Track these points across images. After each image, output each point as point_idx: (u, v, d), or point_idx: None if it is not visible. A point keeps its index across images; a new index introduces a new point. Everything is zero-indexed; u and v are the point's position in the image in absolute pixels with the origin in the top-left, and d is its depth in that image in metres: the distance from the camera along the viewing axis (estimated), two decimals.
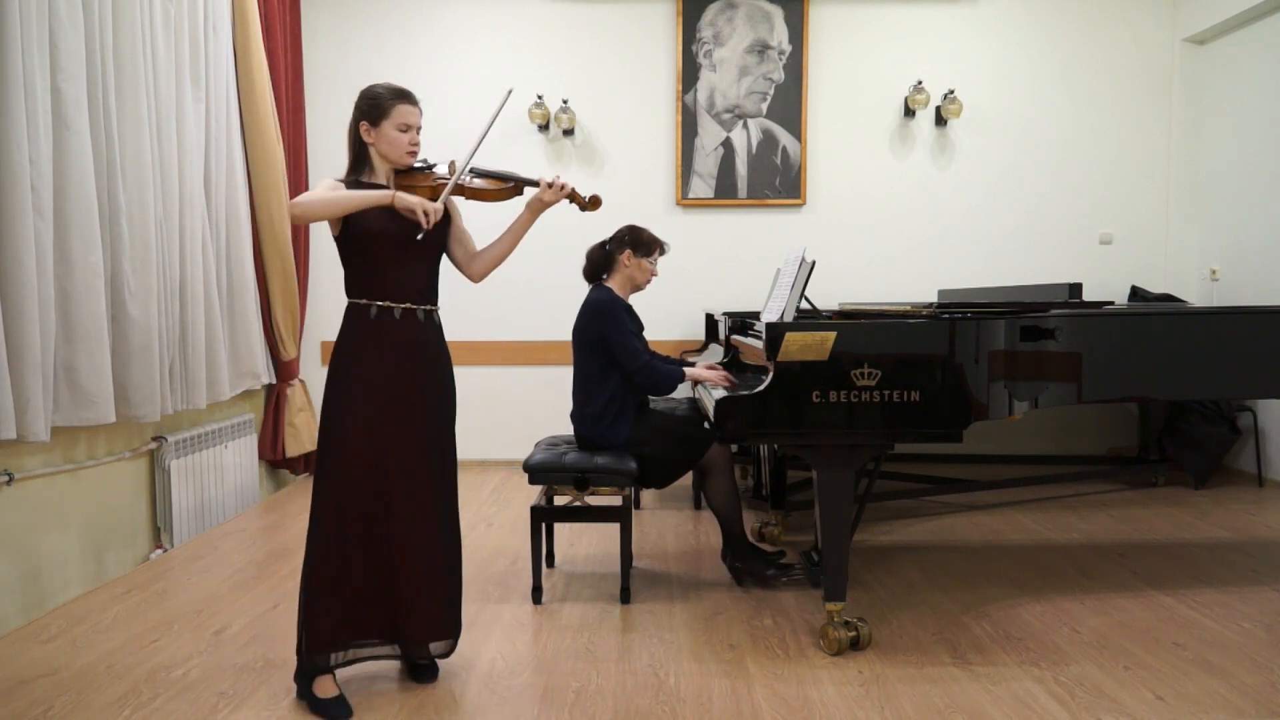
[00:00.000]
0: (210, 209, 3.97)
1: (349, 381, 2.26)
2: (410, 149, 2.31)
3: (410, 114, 2.30)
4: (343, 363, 2.28)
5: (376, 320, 2.27)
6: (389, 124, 2.28)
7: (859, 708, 2.25)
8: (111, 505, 3.39)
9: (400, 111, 2.28)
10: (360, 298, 2.29)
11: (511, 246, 2.48)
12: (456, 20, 5.19)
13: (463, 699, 2.32)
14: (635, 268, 3.20)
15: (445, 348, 2.43)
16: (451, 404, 2.44)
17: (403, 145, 2.30)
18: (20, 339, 2.79)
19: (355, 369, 2.26)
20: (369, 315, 2.27)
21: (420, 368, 2.33)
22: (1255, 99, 4.73)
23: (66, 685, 2.41)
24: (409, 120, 2.30)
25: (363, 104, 2.30)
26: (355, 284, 2.30)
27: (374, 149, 2.31)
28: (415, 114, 2.31)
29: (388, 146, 2.29)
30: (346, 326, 2.30)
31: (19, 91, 2.77)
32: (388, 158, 2.31)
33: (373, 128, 2.29)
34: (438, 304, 2.40)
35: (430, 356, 2.36)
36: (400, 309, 2.29)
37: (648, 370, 3.05)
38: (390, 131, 2.28)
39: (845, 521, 2.57)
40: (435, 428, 2.37)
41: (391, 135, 2.28)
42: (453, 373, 2.45)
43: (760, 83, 5.18)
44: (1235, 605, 2.94)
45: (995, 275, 5.27)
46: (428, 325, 2.36)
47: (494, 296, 5.21)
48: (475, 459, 5.29)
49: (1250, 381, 2.99)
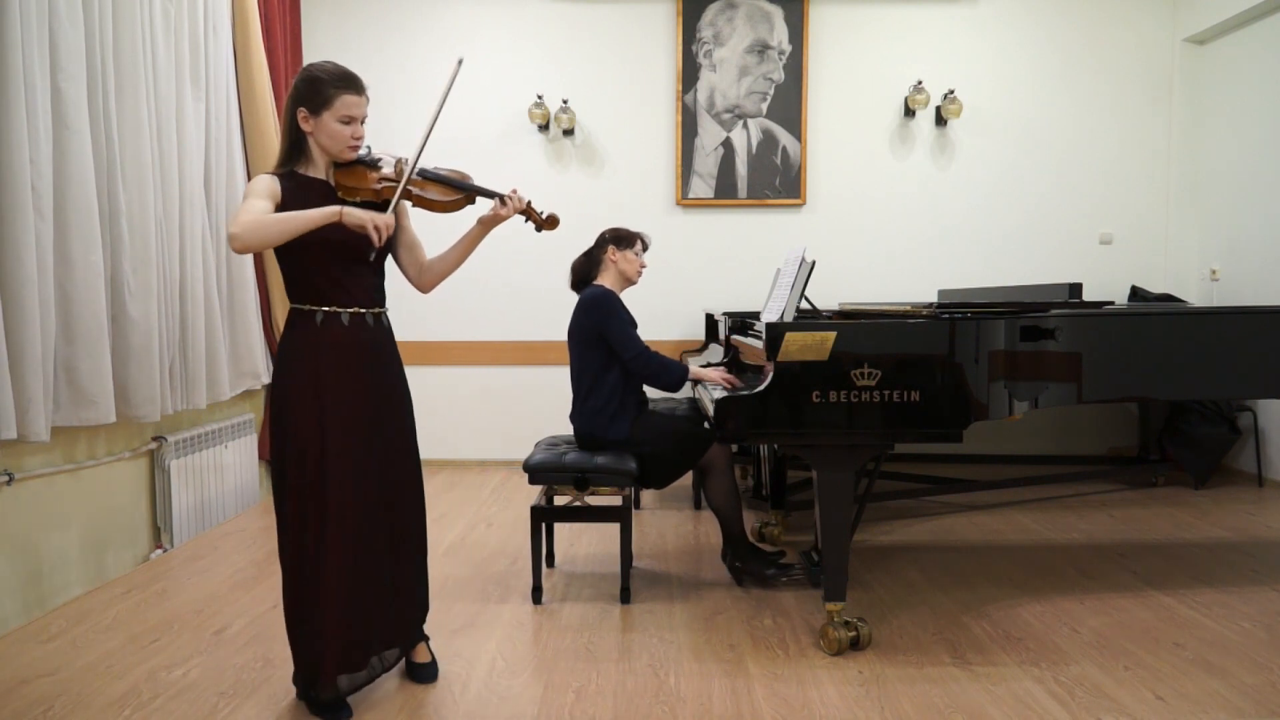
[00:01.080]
0: (210, 209, 3.97)
1: (299, 391, 2.14)
2: (353, 143, 2.13)
3: (355, 105, 2.10)
4: (290, 371, 2.15)
5: (324, 326, 2.14)
6: (330, 115, 2.08)
7: (859, 708, 2.25)
8: (111, 505, 3.39)
9: (344, 102, 2.08)
10: (305, 303, 2.15)
11: (461, 260, 2.33)
12: (456, 20, 5.19)
13: (463, 699, 2.32)
14: (622, 260, 3.21)
15: (396, 350, 2.31)
16: (409, 405, 2.33)
17: (344, 139, 2.11)
18: (20, 339, 2.79)
19: (303, 378, 2.13)
20: (314, 321, 2.14)
21: (373, 372, 2.21)
22: (1255, 99, 4.73)
23: (66, 685, 2.41)
24: (353, 112, 2.10)
25: (302, 88, 2.09)
26: (299, 290, 2.16)
27: (312, 138, 2.12)
28: (361, 104, 2.11)
29: (328, 139, 2.11)
30: (291, 334, 2.17)
31: (19, 91, 2.77)
32: (327, 150, 2.14)
33: (312, 116, 2.09)
34: (385, 306, 2.28)
35: (382, 360, 2.24)
36: (348, 314, 2.16)
37: (644, 357, 3.05)
38: (331, 123, 2.09)
39: (845, 521, 2.57)
40: (396, 431, 2.27)
41: (332, 128, 2.09)
42: (404, 374, 2.33)
43: (760, 83, 5.18)
44: (1235, 605, 2.94)
45: (995, 275, 5.28)
46: (377, 329, 2.23)
47: (494, 296, 5.22)
48: (475, 459, 5.29)
49: (1250, 381, 2.99)
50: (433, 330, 5.20)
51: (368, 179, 2.17)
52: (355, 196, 2.16)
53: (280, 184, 2.11)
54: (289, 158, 2.17)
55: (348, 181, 2.16)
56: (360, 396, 2.19)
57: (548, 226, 2.49)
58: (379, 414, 2.23)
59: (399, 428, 2.29)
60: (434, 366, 5.17)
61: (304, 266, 2.14)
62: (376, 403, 2.23)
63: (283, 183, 2.12)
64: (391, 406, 2.27)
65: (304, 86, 2.10)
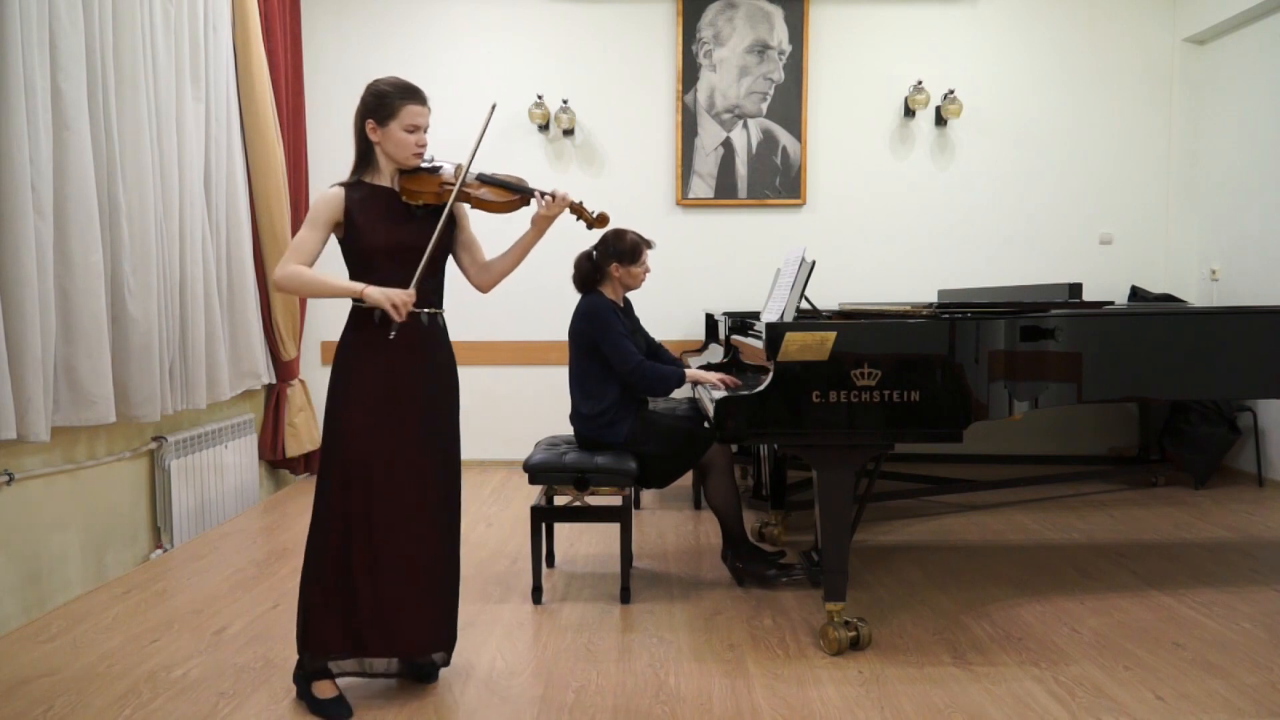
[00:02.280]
0: (210, 209, 3.97)
1: (353, 386, 2.24)
2: (417, 150, 2.26)
3: (419, 114, 2.23)
4: (346, 367, 2.25)
5: (382, 325, 2.22)
6: (396, 124, 2.22)
7: (859, 708, 2.25)
8: (111, 505, 3.39)
9: (409, 112, 2.22)
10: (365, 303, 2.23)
11: (518, 261, 2.46)
12: (456, 20, 5.19)
13: (463, 699, 2.32)
14: (625, 275, 3.19)
15: (450, 350, 2.40)
16: (455, 407, 2.40)
17: (410, 146, 2.24)
18: (20, 339, 2.79)
19: (359, 374, 2.24)
20: (373, 319, 2.23)
21: (424, 371, 2.30)
22: (1255, 99, 4.73)
23: (66, 685, 2.41)
24: (417, 121, 2.23)
25: (370, 101, 2.23)
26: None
27: (379, 148, 2.25)
28: (424, 114, 2.25)
29: (394, 147, 2.24)
30: (350, 331, 2.27)
31: (19, 91, 2.78)
32: (394, 158, 2.26)
33: (379, 127, 2.23)
34: (443, 306, 2.37)
35: (434, 359, 2.33)
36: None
37: (640, 371, 3.04)
38: (397, 132, 2.22)
39: (845, 521, 2.57)
40: (440, 432, 2.33)
41: (399, 136, 2.23)
42: (457, 376, 2.42)
43: (760, 83, 5.18)
44: (1235, 605, 2.94)
45: (995, 275, 5.27)
46: (432, 328, 2.33)
47: (494, 296, 5.18)
48: (475, 459, 5.28)
49: (1250, 381, 2.99)
50: None
51: (431, 184, 2.28)
52: (419, 200, 2.27)
53: (346, 195, 2.23)
54: (358, 168, 2.30)
55: (412, 186, 2.27)
56: (409, 393, 2.26)
57: (599, 225, 2.60)
58: (436, 413, 2.31)
59: (451, 428, 2.37)
60: None
61: (368, 268, 2.24)
62: (427, 401, 2.30)
63: (349, 193, 2.24)
64: (446, 406, 2.36)
65: (371, 100, 2.24)
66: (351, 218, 2.22)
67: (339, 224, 2.23)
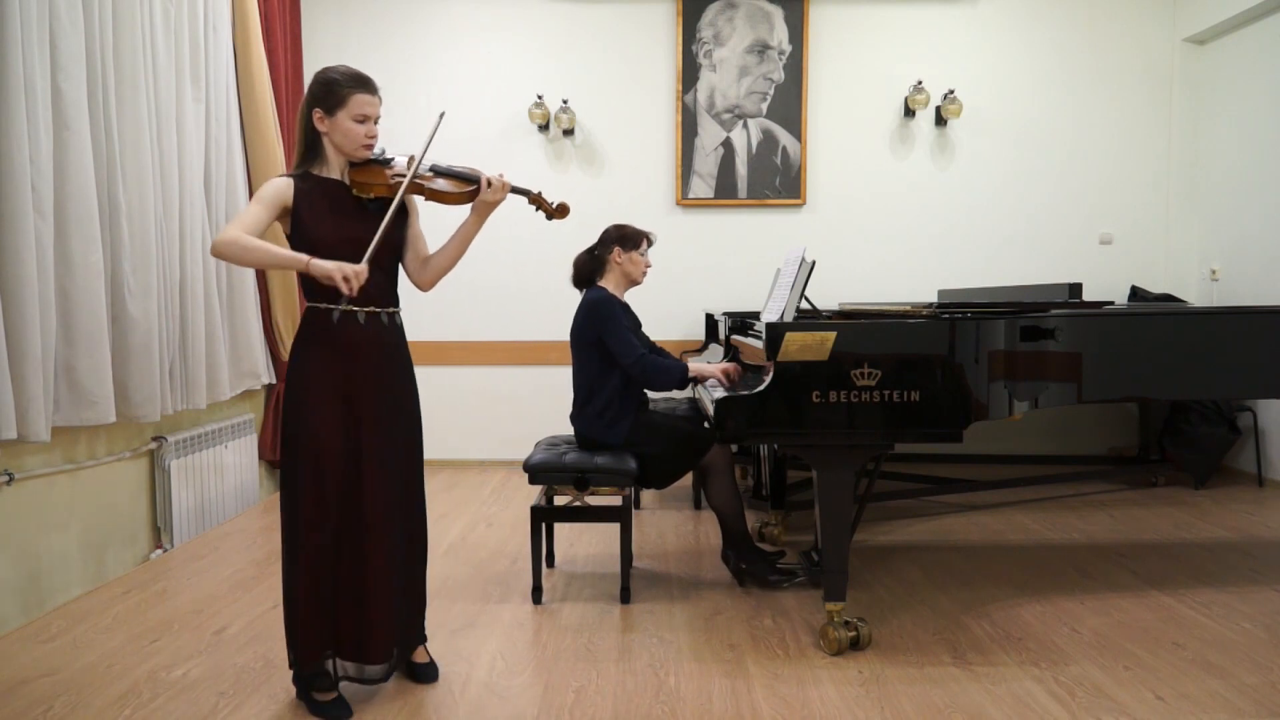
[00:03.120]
0: (210, 209, 3.97)
1: (315, 388, 2.16)
2: (367, 141, 2.19)
3: (369, 104, 2.16)
4: (306, 368, 2.18)
5: (341, 324, 2.17)
6: (345, 114, 2.15)
7: (859, 708, 2.25)
8: (111, 505, 3.39)
9: (357, 101, 2.14)
10: (321, 301, 2.17)
11: (460, 253, 2.35)
12: (456, 20, 5.19)
13: (463, 699, 2.32)
14: (627, 262, 3.19)
15: (408, 350, 2.35)
16: (418, 406, 2.37)
17: (359, 137, 2.17)
18: (20, 339, 2.79)
19: (320, 374, 2.17)
20: (331, 319, 2.17)
21: (387, 370, 2.25)
22: (1255, 99, 4.73)
23: (66, 685, 2.41)
24: (367, 111, 2.16)
25: (317, 90, 2.16)
26: (316, 287, 2.16)
27: (327, 139, 2.18)
28: (374, 104, 2.18)
29: (342, 138, 2.17)
30: (308, 331, 2.20)
31: (19, 91, 2.77)
32: (342, 149, 2.19)
33: (327, 116, 2.16)
34: (399, 306, 2.31)
35: (397, 360, 2.29)
36: (364, 313, 2.20)
37: (643, 364, 3.04)
38: (346, 122, 2.15)
39: (845, 521, 2.57)
40: (408, 431, 2.31)
41: (347, 126, 2.15)
42: (414, 374, 2.37)
43: (760, 83, 5.18)
44: (1235, 605, 2.94)
45: (995, 275, 5.28)
46: (391, 328, 2.27)
47: (494, 297, 5.22)
48: (475, 459, 5.29)
49: (1250, 381, 2.99)
50: (432, 330, 5.20)
51: (382, 176, 2.23)
52: (370, 193, 2.21)
53: (294, 185, 2.17)
54: (304, 159, 2.23)
55: (361, 178, 2.21)
56: (377, 394, 2.22)
57: (558, 215, 2.51)
58: (392, 413, 2.27)
59: (408, 429, 2.33)
60: (434, 366, 5.16)
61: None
62: (391, 401, 2.26)
63: (297, 184, 2.17)
64: (403, 406, 2.31)
65: (318, 88, 2.17)
66: (299, 210, 2.15)
67: (286, 211, 2.16)
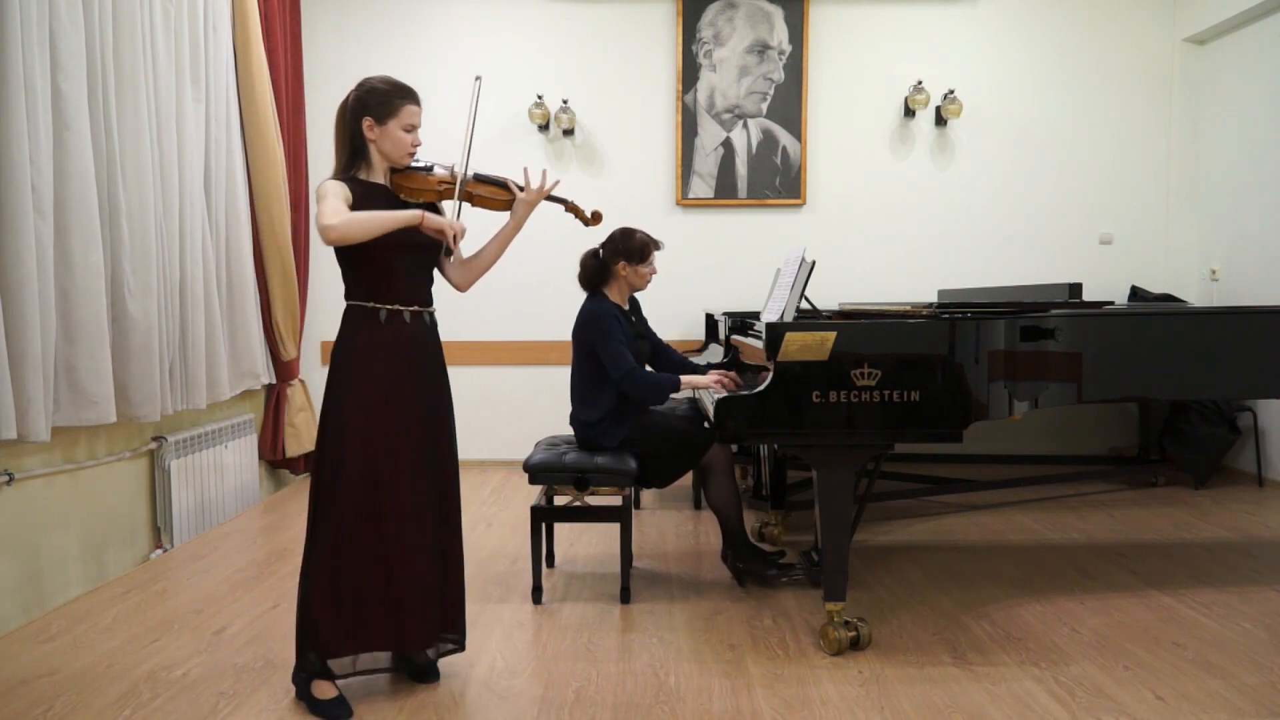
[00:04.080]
0: (210, 209, 3.97)
1: (360, 385, 2.22)
2: (412, 149, 2.29)
3: (416, 114, 2.28)
4: (351, 367, 2.23)
5: (387, 324, 2.24)
6: (395, 123, 2.24)
7: (859, 708, 2.25)
8: (111, 505, 3.39)
9: (408, 112, 2.25)
10: (367, 301, 2.24)
11: (499, 255, 2.42)
12: (456, 20, 5.19)
13: (463, 699, 2.32)
14: (632, 275, 3.17)
15: (442, 350, 2.41)
16: (451, 405, 2.44)
17: (406, 146, 2.27)
18: (20, 339, 2.79)
19: (366, 373, 2.23)
20: (378, 319, 2.24)
21: (429, 370, 2.33)
22: (1255, 99, 4.73)
23: (66, 685, 2.41)
24: (414, 121, 2.27)
25: (368, 99, 2.24)
26: (361, 288, 2.25)
27: (375, 146, 2.27)
28: (419, 114, 2.29)
29: (391, 146, 2.26)
30: (352, 330, 2.25)
31: (19, 91, 2.77)
32: (389, 157, 2.28)
33: (377, 125, 2.24)
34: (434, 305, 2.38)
35: (436, 359, 2.36)
36: (409, 312, 2.28)
37: (632, 379, 3.00)
38: (396, 131, 2.25)
39: (845, 521, 2.57)
40: (446, 428, 2.38)
41: (397, 135, 2.25)
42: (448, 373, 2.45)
43: (760, 83, 5.18)
44: (1235, 605, 2.94)
45: (995, 275, 5.27)
46: (431, 328, 2.36)
47: (494, 297, 5.21)
48: (475, 459, 5.29)
49: (1250, 381, 2.99)
50: None
51: (428, 182, 2.31)
52: (418, 199, 2.30)
53: (349, 188, 2.22)
54: (350, 164, 2.28)
55: (409, 184, 2.29)
56: (416, 392, 2.28)
57: (593, 223, 2.63)
58: (435, 412, 2.34)
59: (449, 425, 2.40)
60: None
61: (369, 262, 2.22)
62: (433, 400, 2.33)
63: (350, 187, 2.23)
64: (444, 404, 2.39)
65: (369, 97, 2.24)
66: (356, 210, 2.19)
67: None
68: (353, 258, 2.25)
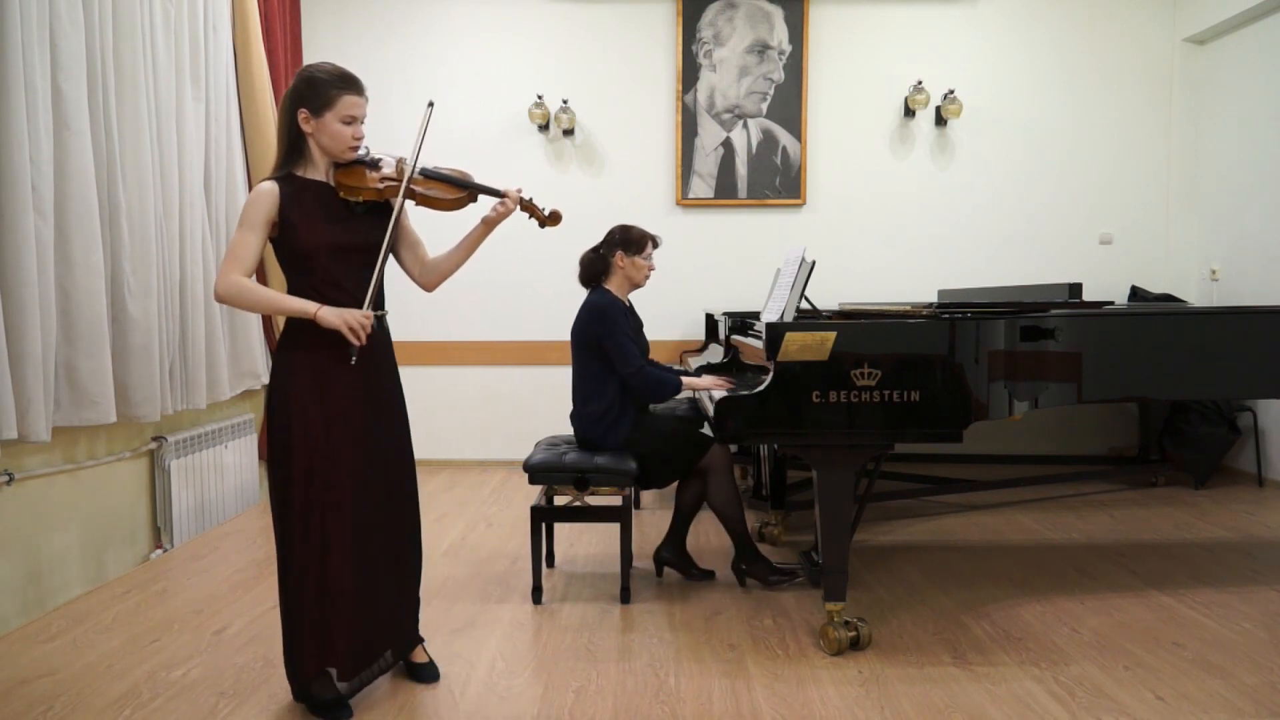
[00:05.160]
0: (210, 209, 3.97)
1: (305, 394, 2.13)
2: (354, 143, 2.14)
3: (357, 105, 2.12)
4: (294, 373, 2.14)
5: (338, 345, 2.11)
6: (332, 115, 2.10)
7: (859, 708, 2.25)
8: (111, 505, 3.39)
9: (346, 103, 2.10)
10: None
11: (464, 260, 2.34)
12: (456, 20, 5.19)
13: (463, 699, 2.32)
14: (630, 267, 3.18)
15: (393, 352, 2.33)
16: (404, 407, 2.35)
17: (346, 139, 2.12)
18: (21, 339, 2.79)
19: (309, 380, 2.13)
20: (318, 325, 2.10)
21: (377, 373, 2.23)
22: (1255, 99, 4.73)
23: (66, 685, 2.41)
24: (354, 112, 2.12)
25: (302, 89, 2.10)
26: (302, 291, 2.14)
27: (312, 139, 2.13)
28: (362, 105, 2.13)
29: (329, 140, 2.12)
30: (294, 336, 2.16)
31: (19, 91, 2.77)
32: (328, 151, 2.15)
33: (313, 117, 2.10)
34: (386, 309, 2.28)
35: (384, 361, 2.27)
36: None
37: (641, 375, 3.03)
38: (333, 124, 2.10)
39: (845, 521, 2.57)
40: (394, 433, 2.29)
41: (334, 128, 2.11)
42: (399, 376, 2.36)
43: (760, 83, 5.18)
44: (1235, 605, 2.94)
45: (995, 275, 5.27)
46: (379, 331, 2.23)
47: (494, 297, 5.22)
48: (475, 459, 5.29)
49: (1250, 381, 2.99)
50: (432, 330, 5.20)
51: (369, 178, 2.18)
52: (357, 196, 2.17)
53: (280, 189, 2.12)
54: (287, 160, 2.18)
55: (349, 181, 2.16)
56: (363, 398, 2.20)
57: (550, 223, 2.51)
58: (379, 416, 2.26)
59: (397, 430, 2.31)
60: (434, 366, 5.17)
61: (307, 269, 2.15)
62: (377, 405, 2.25)
63: (282, 187, 2.13)
64: (390, 408, 2.30)
65: (304, 88, 2.12)
66: (286, 215, 2.10)
67: (274, 223, 2.11)
68: (287, 257, 2.15)
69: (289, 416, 2.15)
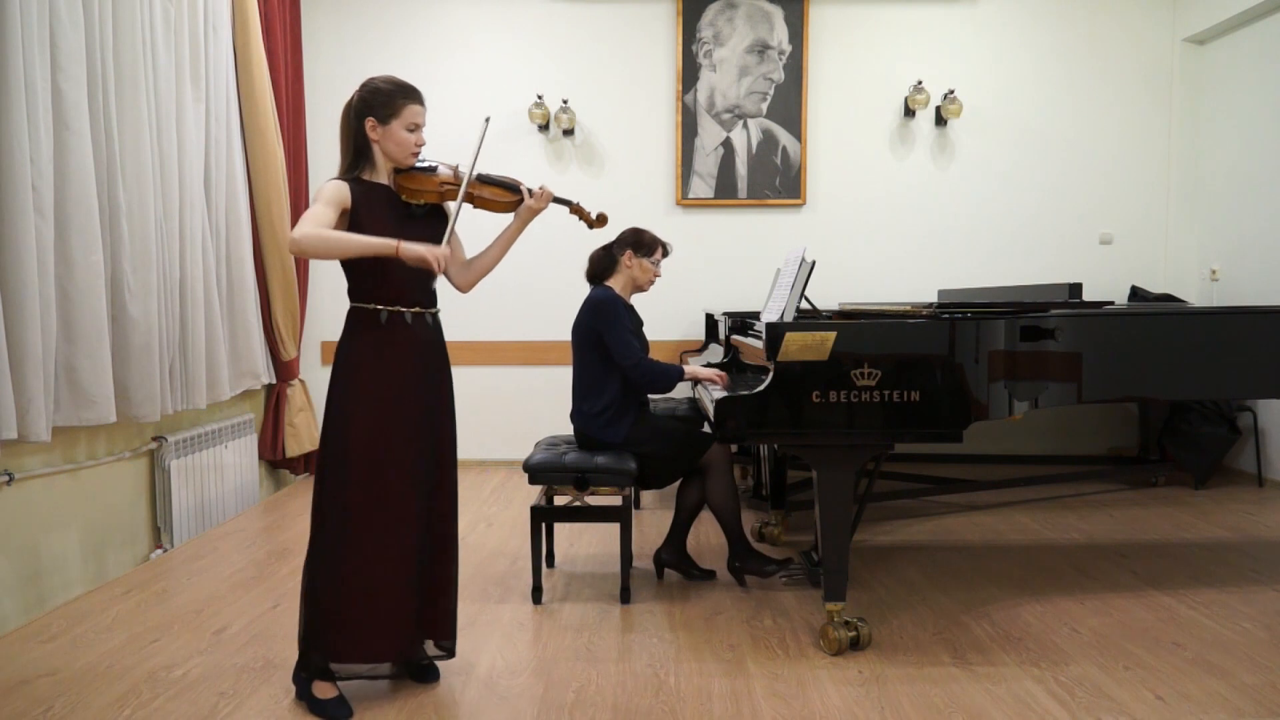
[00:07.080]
0: (210, 209, 3.97)
1: (362, 387, 2.22)
2: (415, 149, 2.27)
3: (420, 114, 2.26)
4: (354, 368, 2.23)
5: (388, 325, 2.24)
6: (398, 123, 2.23)
7: (859, 708, 2.25)
8: (111, 505, 3.39)
9: (411, 112, 2.24)
10: (368, 302, 2.24)
11: (501, 257, 2.45)
12: (456, 20, 5.19)
13: (463, 699, 2.32)
14: (637, 268, 3.19)
15: (447, 352, 2.43)
16: (454, 408, 2.45)
17: (410, 145, 2.25)
18: (21, 339, 2.79)
19: (368, 374, 2.22)
20: (379, 320, 2.23)
21: (433, 370, 2.33)
22: (1255, 99, 4.73)
23: (66, 685, 2.40)
24: (418, 120, 2.26)
25: (370, 99, 2.23)
26: (362, 289, 2.25)
27: (378, 146, 2.26)
28: (423, 113, 2.27)
29: (395, 146, 2.25)
30: (354, 331, 2.25)
31: (19, 91, 2.78)
32: (392, 157, 2.27)
33: (380, 125, 2.23)
34: (438, 306, 2.38)
35: (440, 359, 2.36)
36: (411, 313, 2.27)
37: (642, 367, 3.04)
38: (399, 131, 2.24)
39: (845, 521, 2.57)
40: (449, 429, 2.39)
41: (400, 135, 2.24)
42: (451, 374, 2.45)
43: (760, 83, 5.18)
44: (1235, 605, 2.94)
45: (995, 275, 5.27)
46: (435, 328, 2.35)
47: (495, 296, 5.21)
48: (475, 459, 5.29)
49: (1250, 381, 2.99)
50: None
51: (431, 183, 2.30)
52: (420, 199, 2.29)
53: (351, 189, 2.22)
54: (354, 165, 2.28)
55: (411, 185, 2.28)
56: (420, 393, 2.29)
57: (598, 225, 2.68)
58: (436, 413, 2.34)
59: (448, 427, 2.41)
60: None
61: (371, 266, 2.22)
62: (434, 401, 2.33)
63: (353, 188, 2.23)
64: (445, 406, 2.39)
65: (372, 97, 2.24)
66: (358, 213, 2.21)
67: (345, 214, 2.20)
68: (350, 259, 2.24)
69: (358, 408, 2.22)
